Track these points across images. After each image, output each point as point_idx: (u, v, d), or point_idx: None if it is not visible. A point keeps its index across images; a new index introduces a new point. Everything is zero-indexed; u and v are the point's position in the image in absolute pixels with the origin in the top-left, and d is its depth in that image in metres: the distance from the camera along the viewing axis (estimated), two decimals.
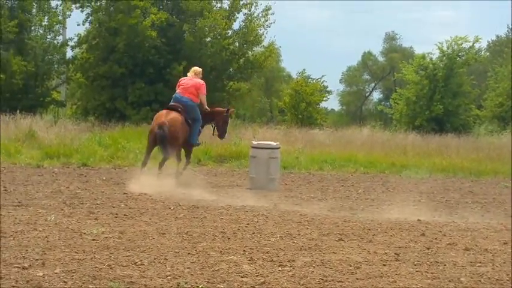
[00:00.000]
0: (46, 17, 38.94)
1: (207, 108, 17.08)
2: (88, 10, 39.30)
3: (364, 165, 23.92)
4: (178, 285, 7.37)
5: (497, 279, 8.26)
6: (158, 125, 15.89)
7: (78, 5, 39.11)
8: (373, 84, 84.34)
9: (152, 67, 38.29)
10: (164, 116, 16.22)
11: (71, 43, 40.04)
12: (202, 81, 16.97)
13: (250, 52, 42.47)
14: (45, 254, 8.47)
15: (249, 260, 8.68)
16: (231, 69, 42.11)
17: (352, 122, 60.57)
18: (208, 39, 40.56)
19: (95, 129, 29.41)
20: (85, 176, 17.79)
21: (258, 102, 63.09)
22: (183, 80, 17.10)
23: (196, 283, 7.45)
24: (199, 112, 16.84)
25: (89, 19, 39.34)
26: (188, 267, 8.14)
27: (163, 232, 10.29)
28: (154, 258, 8.52)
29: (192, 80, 16.94)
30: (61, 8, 39.96)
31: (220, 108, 18.29)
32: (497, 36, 71.73)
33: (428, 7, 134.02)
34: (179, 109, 16.43)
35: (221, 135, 18.02)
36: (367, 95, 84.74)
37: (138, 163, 17.67)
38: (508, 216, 14.12)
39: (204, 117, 17.04)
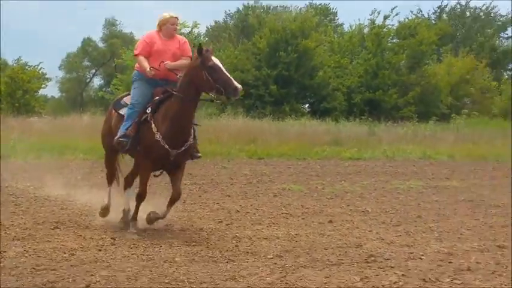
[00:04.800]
0: None
1: None
2: None
3: (84, 151, 23.57)
4: None
5: (210, 257, 8.51)
6: None
7: None
8: (93, 71, 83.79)
9: None
10: None
11: None
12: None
13: None
14: None
15: None
16: None
17: (72, 108, 59.62)
18: None
19: None
20: None
21: None
22: None
23: None
24: None
25: None
26: None
27: None
28: None
29: None
30: None
31: None
32: (216, 22, 73.79)
33: None
34: None
35: None
36: (87, 81, 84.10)
37: None
38: (224, 196, 14.59)
39: None
